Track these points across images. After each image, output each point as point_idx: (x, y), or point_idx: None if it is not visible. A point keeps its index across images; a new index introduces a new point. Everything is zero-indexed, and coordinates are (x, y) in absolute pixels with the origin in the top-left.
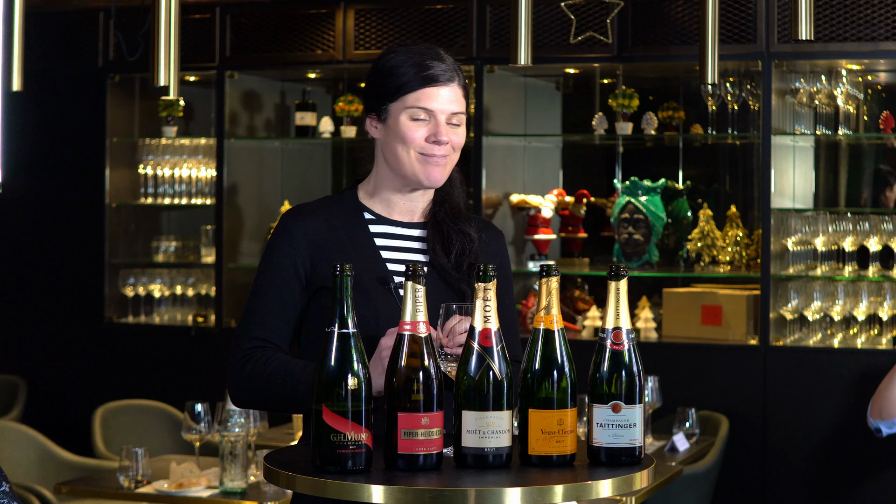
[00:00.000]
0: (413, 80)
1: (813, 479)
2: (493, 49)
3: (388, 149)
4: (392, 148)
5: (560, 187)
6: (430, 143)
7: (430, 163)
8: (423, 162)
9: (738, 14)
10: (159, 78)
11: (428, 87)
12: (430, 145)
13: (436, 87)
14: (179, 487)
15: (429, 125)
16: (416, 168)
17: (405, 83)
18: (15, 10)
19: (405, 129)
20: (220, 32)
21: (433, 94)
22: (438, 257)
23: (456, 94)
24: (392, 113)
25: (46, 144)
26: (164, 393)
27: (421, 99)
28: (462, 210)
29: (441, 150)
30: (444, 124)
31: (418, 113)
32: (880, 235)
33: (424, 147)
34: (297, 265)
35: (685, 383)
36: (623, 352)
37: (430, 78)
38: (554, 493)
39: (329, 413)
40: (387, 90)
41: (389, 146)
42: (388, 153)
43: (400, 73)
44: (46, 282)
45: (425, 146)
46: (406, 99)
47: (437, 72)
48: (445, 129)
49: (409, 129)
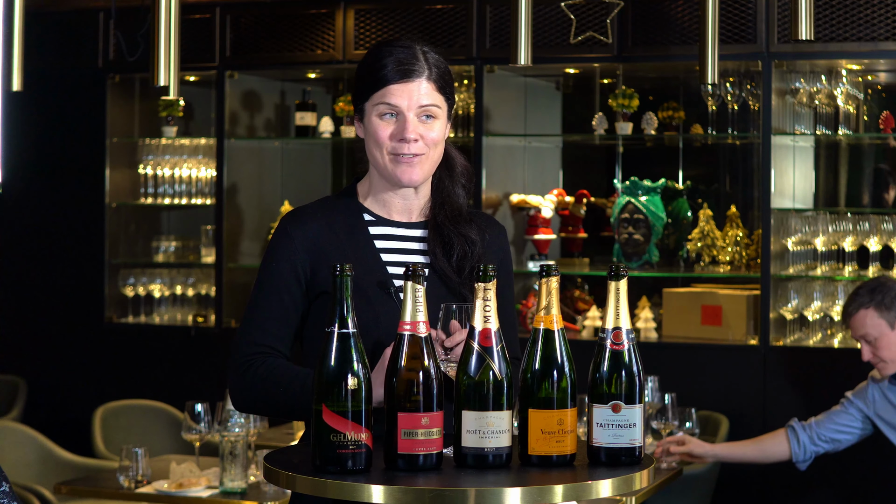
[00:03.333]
0: (382, 78)
1: (813, 479)
2: (493, 49)
3: (368, 150)
4: (369, 148)
5: (560, 187)
6: (397, 140)
7: (402, 162)
8: (395, 162)
9: (738, 14)
10: (159, 78)
11: (394, 84)
12: (398, 143)
13: (401, 84)
14: (179, 487)
15: (397, 122)
16: (390, 168)
17: (375, 81)
18: (15, 10)
19: (375, 127)
20: (220, 32)
21: (399, 90)
22: (439, 261)
23: (426, 88)
24: (366, 112)
25: (46, 144)
26: (164, 393)
27: (387, 95)
28: (463, 211)
29: (410, 149)
30: (411, 120)
31: (386, 109)
32: (880, 235)
33: (394, 146)
34: (298, 270)
35: (685, 383)
36: (623, 352)
37: (396, 73)
38: (554, 493)
39: (329, 413)
40: (363, 90)
41: (367, 147)
42: (369, 154)
43: (373, 71)
44: (46, 282)
45: (394, 145)
46: (374, 97)
47: (406, 68)
48: (413, 126)
49: (378, 128)
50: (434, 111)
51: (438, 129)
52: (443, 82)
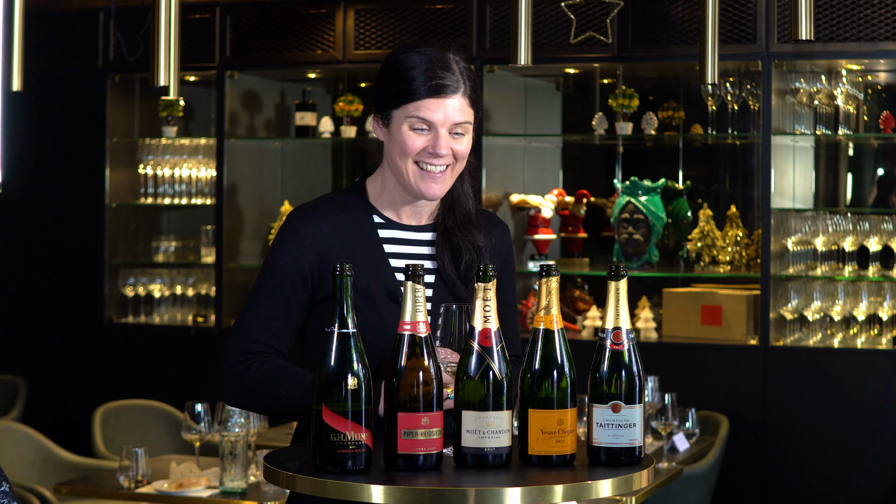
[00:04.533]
0: (417, 89)
1: (813, 479)
2: (493, 49)
3: (389, 156)
4: (392, 156)
5: (560, 187)
6: (428, 153)
7: (427, 178)
8: (421, 176)
9: (738, 14)
10: (159, 78)
11: (430, 98)
12: (427, 156)
13: (439, 99)
14: (179, 487)
15: (429, 136)
16: (413, 181)
17: (409, 92)
18: (15, 10)
19: (405, 138)
20: (220, 32)
21: (435, 106)
22: (446, 268)
23: (461, 104)
24: (395, 120)
25: (46, 144)
26: (164, 393)
27: (421, 109)
28: (472, 216)
29: (439, 162)
30: (444, 136)
31: (419, 123)
32: (880, 235)
33: (422, 158)
34: (305, 270)
35: (685, 383)
36: (623, 352)
37: (433, 88)
38: (554, 493)
39: (329, 413)
40: (391, 96)
41: (390, 153)
42: (389, 160)
43: (405, 80)
44: (46, 282)
45: (423, 157)
46: (408, 108)
47: (443, 82)
48: (445, 142)
49: (409, 139)
50: (466, 127)
51: (467, 143)
52: (475, 96)
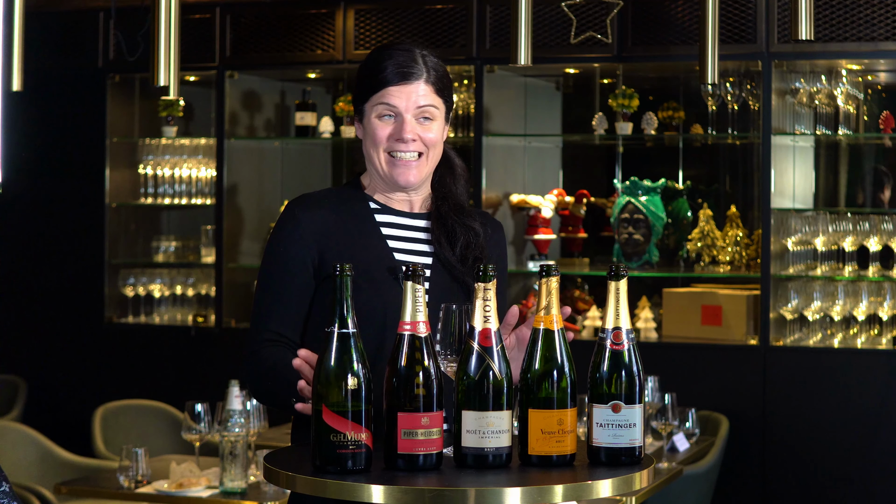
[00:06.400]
0: (383, 80)
1: (813, 479)
2: (493, 49)
3: (365, 149)
4: (367, 148)
5: (560, 187)
6: (395, 140)
7: (400, 165)
8: (393, 164)
9: (738, 14)
10: (159, 78)
11: (394, 86)
12: (395, 143)
13: (402, 85)
14: (179, 487)
15: (395, 123)
16: (388, 170)
17: (376, 83)
18: (15, 10)
19: (374, 127)
20: (220, 32)
21: (398, 91)
22: (443, 250)
23: (425, 90)
24: (366, 113)
25: (46, 144)
26: (164, 393)
27: (386, 96)
28: (465, 206)
29: (407, 148)
30: (409, 121)
31: (385, 110)
32: (880, 235)
33: (391, 146)
34: (306, 255)
35: (685, 383)
36: (623, 352)
37: (397, 76)
38: (554, 493)
39: (329, 413)
40: (362, 91)
41: (365, 147)
42: (366, 153)
43: (372, 74)
44: (46, 282)
45: (392, 145)
46: (373, 98)
47: (407, 70)
48: (411, 126)
49: (377, 128)
50: (432, 112)
51: (436, 130)
52: (441, 85)
